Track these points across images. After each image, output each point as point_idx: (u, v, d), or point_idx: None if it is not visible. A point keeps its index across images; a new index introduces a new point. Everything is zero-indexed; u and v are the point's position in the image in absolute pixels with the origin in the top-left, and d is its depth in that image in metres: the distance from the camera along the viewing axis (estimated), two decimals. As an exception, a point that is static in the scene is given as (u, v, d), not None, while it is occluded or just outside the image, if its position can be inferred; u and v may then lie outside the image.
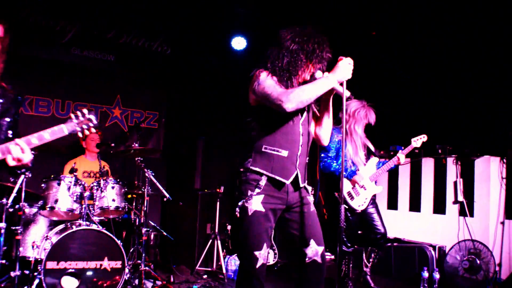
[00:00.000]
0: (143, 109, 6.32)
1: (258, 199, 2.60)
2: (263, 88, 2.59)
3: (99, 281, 3.89)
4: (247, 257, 2.61)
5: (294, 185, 2.70)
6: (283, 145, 2.65)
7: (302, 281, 2.73)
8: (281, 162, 2.64)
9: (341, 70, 2.60)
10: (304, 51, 2.64)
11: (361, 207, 4.50)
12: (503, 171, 5.43)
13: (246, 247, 2.61)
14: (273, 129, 2.66)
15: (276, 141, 2.65)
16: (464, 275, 5.13)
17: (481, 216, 5.45)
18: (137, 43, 6.03)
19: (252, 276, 2.61)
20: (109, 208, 4.31)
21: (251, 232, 2.60)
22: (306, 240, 2.71)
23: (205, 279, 5.06)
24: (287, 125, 2.67)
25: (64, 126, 2.33)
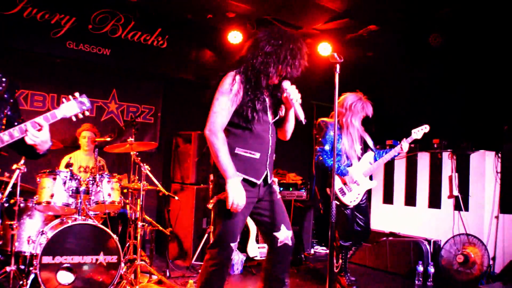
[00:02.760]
0: (139, 104, 6.31)
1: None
2: (217, 100, 2.74)
3: (95, 276, 3.90)
4: (225, 248, 2.76)
5: (264, 181, 2.89)
6: (255, 148, 2.81)
7: (274, 262, 2.92)
8: (254, 164, 2.81)
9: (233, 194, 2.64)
10: (276, 56, 2.70)
11: (353, 202, 4.51)
12: (498, 166, 5.45)
13: (224, 239, 2.76)
14: (245, 133, 2.79)
15: (249, 144, 2.79)
16: (458, 269, 5.16)
17: (476, 211, 5.47)
18: (133, 37, 6.00)
19: (224, 266, 2.80)
20: (105, 203, 4.30)
21: (229, 224, 2.75)
22: (277, 226, 2.89)
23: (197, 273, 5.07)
24: (259, 128, 2.81)
25: (56, 110, 2.33)
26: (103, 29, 5.76)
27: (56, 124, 2.40)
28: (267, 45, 2.71)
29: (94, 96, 5.96)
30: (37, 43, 5.39)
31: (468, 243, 5.20)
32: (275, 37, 2.73)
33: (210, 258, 2.80)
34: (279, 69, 2.75)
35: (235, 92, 2.73)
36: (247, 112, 2.73)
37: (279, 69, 2.75)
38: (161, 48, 6.25)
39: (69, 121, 2.42)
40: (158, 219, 5.87)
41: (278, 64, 2.73)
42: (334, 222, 2.92)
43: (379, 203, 6.51)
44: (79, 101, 2.36)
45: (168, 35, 6.28)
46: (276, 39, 2.71)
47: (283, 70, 2.76)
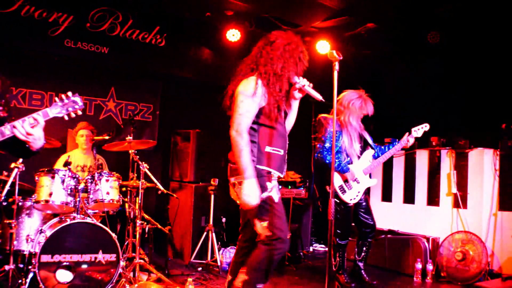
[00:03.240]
0: (137, 102, 6.31)
1: (276, 186, 3.02)
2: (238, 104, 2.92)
3: (94, 274, 3.90)
4: (286, 237, 2.97)
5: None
6: (281, 145, 3.06)
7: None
8: (280, 160, 3.07)
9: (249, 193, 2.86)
10: (293, 59, 3.00)
11: (353, 200, 4.51)
12: (496, 163, 5.46)
13: (283, 229, 2.97)
14: (272, 132, 3.02)
15: (276, 142, 3.03)
16: (457, 266, 5.17)
17: (475, 208, 5.48)
18: (131, 35, 5.99)
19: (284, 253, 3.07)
20: (104, 201, 4.30)
21: (282, 218, 2.98)
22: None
23: (199, 271, 5.08)
24: (281, 127, 3.09)
25: (49, 109, 2.33)
26: (101, 27, 5.75)
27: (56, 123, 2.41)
28: (284, 51, 2.98)
29: (93, 95, 5.96)
30: (35, 41, 5.38)
31: (466, 241, 5.20)
32: (289, 42, 3.01)
33: (275, 248, 2.95)
34: (296, 70, 3.03)
35: (260, 95, 2.93)
36: (274, 113, 2.97)
37: (296, 70, 3.03)
38: (159, 46, 6.24)
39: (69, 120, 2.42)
40: (157, 217, 5.85)
41: (296, 67, 3.01)
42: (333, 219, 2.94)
43: (378, 201, 6.52)
44: (72, 100, 2.37)
45: (166, 33, 6.27)
46: (290, 44, 3.00)
47: (296, 72, 3.04)
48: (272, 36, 3.06)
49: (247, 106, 2.92)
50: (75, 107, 2.38)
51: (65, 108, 2.36)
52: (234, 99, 3.02)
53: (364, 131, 4.59)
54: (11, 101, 5.33)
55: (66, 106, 2.36)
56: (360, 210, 4.61)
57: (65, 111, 2.36)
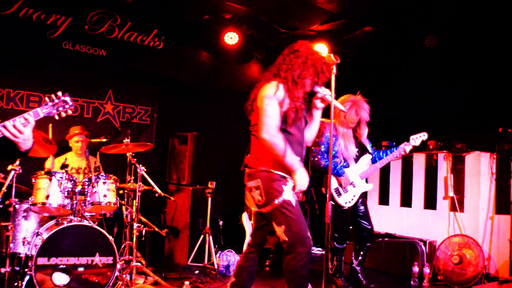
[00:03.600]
0: (135, 104, 6.30)
1: (292, 193, 3.05)
2: (264, 107, 2.99)
3: (91, 277, 3.89)
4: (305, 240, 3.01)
5: None
6: (297, 153, 3.08)
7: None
8: None
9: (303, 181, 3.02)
10: (314, 68, 3.06)
11: (348, 204, 4.50)
12: (493, 167, 5.47)
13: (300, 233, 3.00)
14: (289, 138, 3.05)
15: (292, 148, 3.03)
16: (454, 269, 5.18)
17: (471, 211, 5.49)
18: (129, 38, 6.00)
19: (309, 257, 3.02)
20: (101, 204, 4.30)
21: (298, 219, 3.02)
22: None
23: (196, 274, 5.07)
24: (299, 134, 3.14)
25: (39, 109, 2.35)
26: (99, 29, 5.76)
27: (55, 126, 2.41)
28: (306, 59, 3.07)
29: (90, 97, 5.95)
30: (33, 43, 5.38)
31: (463, 244, 5.21)
32: (312, 52, 3.13)
33: (296, 255, 2.99)
34: (313, 81, 3.10)
35: (281, 98, 3.01)
36: (291, 119, 3.03)
37: (313, 81, 3.10)
38: (157, 49, 6.25)
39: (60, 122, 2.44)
40: (154, 220, 5.85)
41: (316, 76, 3.08)
42: (330, 222, 2.96)
43: (375, 204, 6.53)
44: (62, 100, 2.39)
45: (164, 36, 6.28)
46: (313, 54, 3.11)
47: (316, 82, 3.11)
48: (297, 45, 3.16)
49: (273, 108, 2.99)
50: (65, 107, 2.39)
51: (56, 108, 2.38)
52: (256, 103, 3.09)
53: (366, 139, 4.60)
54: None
55: (57, 106, 2.38)
56: (358, 214, 4.61)
57: (56, 110, 2.38)
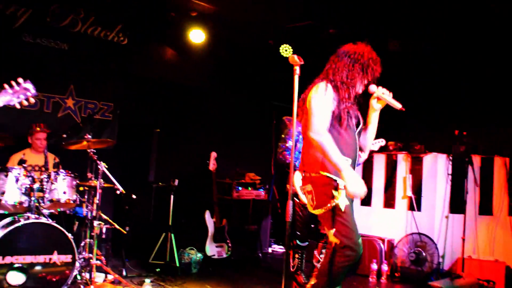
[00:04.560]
0: (97, 100, 6.17)
1: (343, 194, 2.91)
2: (313, 108, 2.95)
3: (48, 276, 3.80)
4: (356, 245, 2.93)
5: None
6: (349, 154, 2.99)
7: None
8: None
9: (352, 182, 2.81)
10: (361, 67, 3.01)
11: None
12: (449, 168, 5.68)
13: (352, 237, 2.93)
14: (341, 139, 2.98)
15: (344, 150, 2.95)
16: (410, 266, 5.35)
17: (428, 211, 5.68)
18: (93, 32, 5.88)
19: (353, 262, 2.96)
20: (60, 201, 4.21)
21: (350, 223, 2.95)
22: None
23: (158, 272, 5.04)
24: (351, 136, 3.05)
25: None
26: (62, 22, 5.62)
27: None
28: (350, 60, 3.02)
29: (51, 91, 5.79)
30: (-10, 35, 5.20)
31: (420, 242, 5.39)
32: (354, 51, 3.04)
33: (343, 255, 2.93)
34: (363, 80, 3.05)
35: (331, 98, 2.96)
36: (342, 120, 2.96)
37: (363, 80, 3.05)
38: (121, 44, 6.15)
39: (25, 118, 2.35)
40: (115, 218, 5.77)
41: (362, 76, 3.04)
42: (291, 221, 2.98)
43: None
44: (23, 87, 2.24)
45: (129, 32, 6.19)
46: (355, 54, 3.03)
47: (366, 80, 3.06)
48: (340, 48, 3.14)
49: (321, 106, 2.95)
50: (27, 94, 2.24)
51: (16, 96, 2.22)
52: (306, 105, 3.05)
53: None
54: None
55: (18, 94, 2.22)
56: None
57: (17, 98, 2.22)
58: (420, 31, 5.92)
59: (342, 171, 2.82)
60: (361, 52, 3.04)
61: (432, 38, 5.95)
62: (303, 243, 4.67)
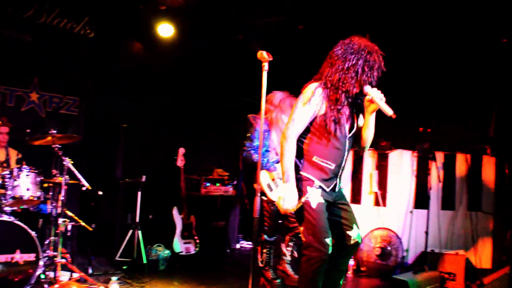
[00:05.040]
0: (62, 94, 6.05)
1: (317, 192, 2.94)
2: (296, 109, 2.96)
3: (10, 276, 3.71)
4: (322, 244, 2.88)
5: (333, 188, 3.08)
6: (332, 159, 3.00)
7: (341, 256, 3.13)
8: (328, 173, 3.01)
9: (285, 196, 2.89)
10: (354, 71, 2.88)
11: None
12: (413, 164, 5.82)
13: (318, 236, 2.89)
14: (325, 143, 2.98)
15: (327, 155, 2.99)
16: (376, 261, 5.46)
17: (393, 206, 5.81)
18: (58, 24, 5.74)
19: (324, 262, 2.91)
20: (23, 198, 4.11)
21: (318, 222, 2.90)
22: (350, 226, 3.11)
23: (125, 270, 4.99)
24: (338, 141, 2.99)
25: None
26: (25, 13, 5.45)
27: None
28: (343, 62, 2.90)
29: (14, 85, 5.65)
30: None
31: (385, 237, 5.51)
32: (351, 52, 2.90)
33: (310, 257, 2.91)
34: (357, 82, 2.92)
35: (314, 104, 2.93)
36: (329, 125, 2.92)
37: (357, 82, 2.92)
38: (88, 37, 6.03)
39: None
40: (81, 215, 5.68)
41: (356, 78, 2.90)
42: (258, 217, 3.02)
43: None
44: None
45: (96, 25, 6.07)
46: (352, 54, 2.89)
47: (361, 82, 2.92)
48: (336, 46, 3.00)
49: (300, 113, 2.94)
50: None
51: None
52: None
53: None
54: None
55: None
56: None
57: None
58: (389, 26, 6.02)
59: (285, 182, 2.90)
60: (359, 52, 2.90)
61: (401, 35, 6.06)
62: (271, 238, 4.71)
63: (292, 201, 2.88)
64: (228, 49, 7.16)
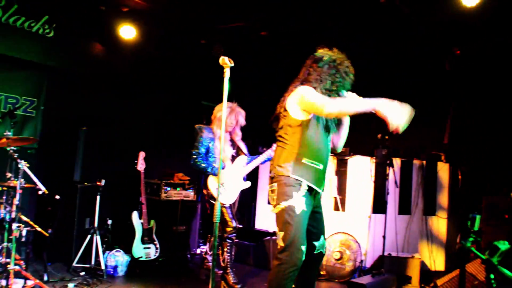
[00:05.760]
0: (19, 95, 5.85)
1: (302, 200, 3.01)
2: (310, 97, 3.02)
3: (-42, 283, 3.57)
4: (297, 251, 2.95)
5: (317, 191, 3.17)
6: (320, 159, 3.11)
7: (308, 267, 3.18)
8: (318, 174, 3.10)
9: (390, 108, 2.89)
10: (340, 74, 3.14)
11: (229, 201, 4.80)
12: (372, 170, 5.97)
13: (295, 242, 2.95)
14: (314, 145, 3.09)
15: (316, 156, 3.09)
16: (335, 265, 5.55)
17: (352, 211, 5.94)
18: (15, 22, 5.57)
19: (297, 268, 2.97)
20: (-26, 202, 3.96)
21: (298, 228, 2.97)
22: (318, 235, 3.23)
23: (82, 276, 4.88)
24: (324, 142, 3.14)
25: None
26: (-19, 10, 5.27)
27: None
28: (330, 67, 3.13)
29: (-34, 85, 5.44)
30: None
31: (344, 241, 5.62)
32: (334, 59, 3.16)
33: (284, 262, 2.96)
34: (338, 86, 3.16)
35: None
36: (318, 127, 3.10)
37: (338, 86, 3.16)
38: (47, 36, 5.87)
39: None
40: (37, 220, 5.52)
41: (337, 83, 3.15)
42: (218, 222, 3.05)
43: (264, 204, 6.78)
44: None
45: (55, 24, 5.92)
46: (335, 61, 3.15)
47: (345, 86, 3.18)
48: (318, 53, 3.21)
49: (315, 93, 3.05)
50: None
51: None
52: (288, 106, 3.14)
53: (240, 141, 4.95)
54: None
55: None
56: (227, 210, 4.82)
57: None
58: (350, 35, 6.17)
59: (375, 105, 2.89)
60: (340, 60, 3.17)
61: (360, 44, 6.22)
62: (231, 235, 4.79)
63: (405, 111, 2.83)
64: (190, 53, 7.16)
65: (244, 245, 6.12)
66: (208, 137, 4.74)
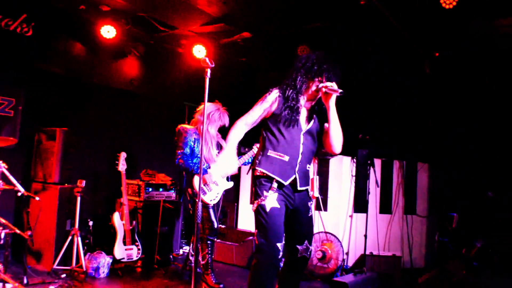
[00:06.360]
0: (-4, 95, 5.75)
1: (273, 197, 3.06)
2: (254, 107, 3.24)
3: None
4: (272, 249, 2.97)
5: (293, 187, 3.18)
6: (285, 151, 3.16)
7: (290, 271, 3.26)
8: (283, 166, 3.14)
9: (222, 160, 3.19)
10: (304, 69, 3.21)
11: (213, 201, 4.83)
12: (353, 170, 6.03)
13: (269, 240, 2.98)
14: (279, 138, 3.17)
15: (280, 148, 3.16)
16: (317, 264, 5.59)
17: (334, 210, 5.99)
18: (-8, 20, 5.47)
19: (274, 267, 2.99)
20: (-49, 205, 3.88)
21: (271, 226, 3.01)
22: (302, 240, 3.22)
23: (63, 278, 4.81)
24: (291, 136, 3.17)
25: None
26: (-45, 8, 5.16)
27: None
28: (300, 67, 3.23)
29: None
30: None
31: (326, 240, 5.66)
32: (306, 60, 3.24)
33: (260, 261, 2.99)
34: (310, 84, 3.22)
35: (269, 102, 3.21)
36: (281, 121, 3.14)
37: (310, 84, 3.22)
38: (25, 36, 5.76)
39: None
40: (16, 222, 5.43)
41: (308, 81, 3.21)
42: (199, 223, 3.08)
43: (246, 204, 6.78)
44: None
45: (34, 23, 5.81)
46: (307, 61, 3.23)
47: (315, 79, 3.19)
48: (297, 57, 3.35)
49: (254, 109, 3.24)
50: None
51: None
52: None
53: (221, 140, 4.98)
54: None
55: None
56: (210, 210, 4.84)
57: None
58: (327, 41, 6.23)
59: (223, 150, 3.21)
60: (311, 61, 3.23)
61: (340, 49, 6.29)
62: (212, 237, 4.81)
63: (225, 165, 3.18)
64: (172, 53, 7.13)
65: (226, 245, 6.12)
66: (193, 138, 4.77)
